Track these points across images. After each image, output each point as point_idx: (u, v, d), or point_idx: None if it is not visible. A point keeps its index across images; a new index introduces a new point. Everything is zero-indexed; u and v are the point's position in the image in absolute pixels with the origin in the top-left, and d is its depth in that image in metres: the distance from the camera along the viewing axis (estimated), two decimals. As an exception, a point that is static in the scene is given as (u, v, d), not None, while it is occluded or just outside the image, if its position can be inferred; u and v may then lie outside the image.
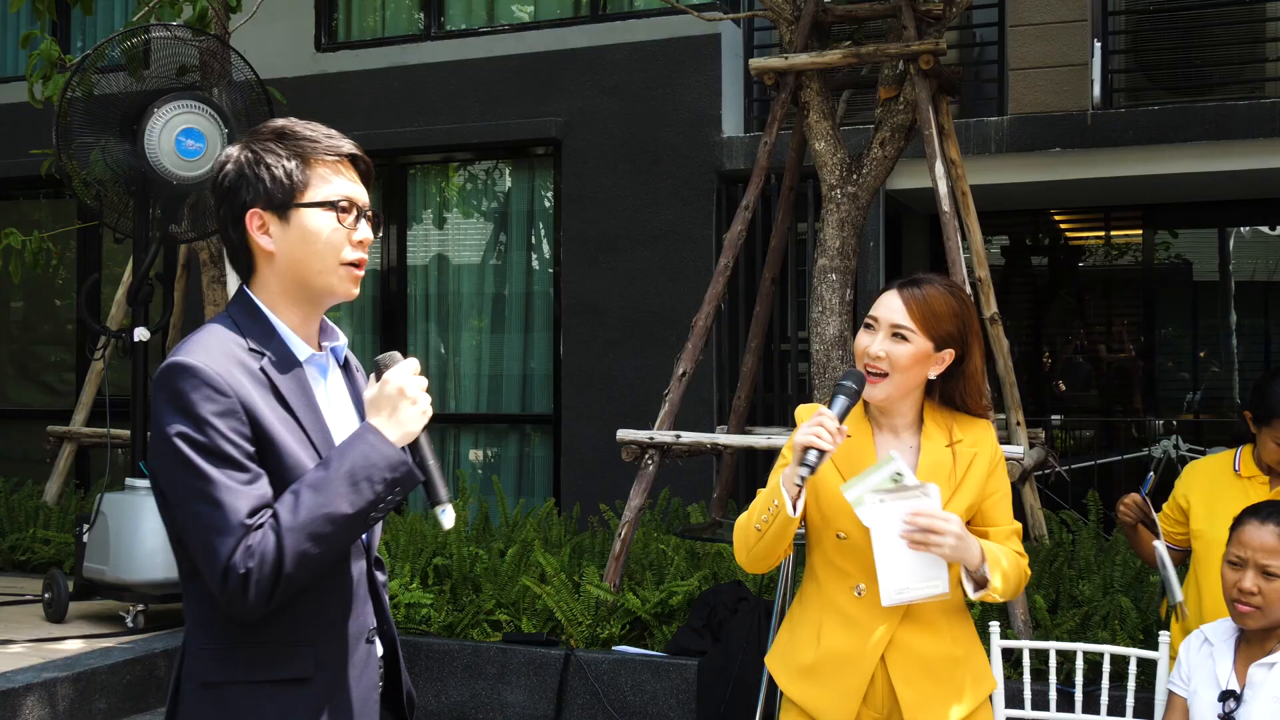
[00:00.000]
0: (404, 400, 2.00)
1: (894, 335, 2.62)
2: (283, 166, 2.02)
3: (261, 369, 1.98)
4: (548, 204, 8.61)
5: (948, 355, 2.66)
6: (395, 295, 8.85)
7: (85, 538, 6.23)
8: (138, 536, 5.98)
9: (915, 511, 2.48)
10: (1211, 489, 3.74)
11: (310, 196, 2.03)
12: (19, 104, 8.69)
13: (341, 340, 2.17)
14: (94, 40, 8.91)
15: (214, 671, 1.97)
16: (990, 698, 2.72)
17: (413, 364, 2.05)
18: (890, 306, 2.65)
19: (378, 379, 2.04)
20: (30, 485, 8.33)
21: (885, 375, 2.62)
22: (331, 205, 2.04)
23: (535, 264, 8.67)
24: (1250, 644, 3.04)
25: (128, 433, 6.70)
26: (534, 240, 8.69)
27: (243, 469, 1.90)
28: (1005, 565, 2.63)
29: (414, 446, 2.03)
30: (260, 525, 1.88)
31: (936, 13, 5.68)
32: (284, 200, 2.02)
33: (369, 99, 8.69)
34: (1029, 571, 2.76)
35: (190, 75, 6.48)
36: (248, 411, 1.92)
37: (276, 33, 8.59)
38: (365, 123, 8.54)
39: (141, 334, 6.41)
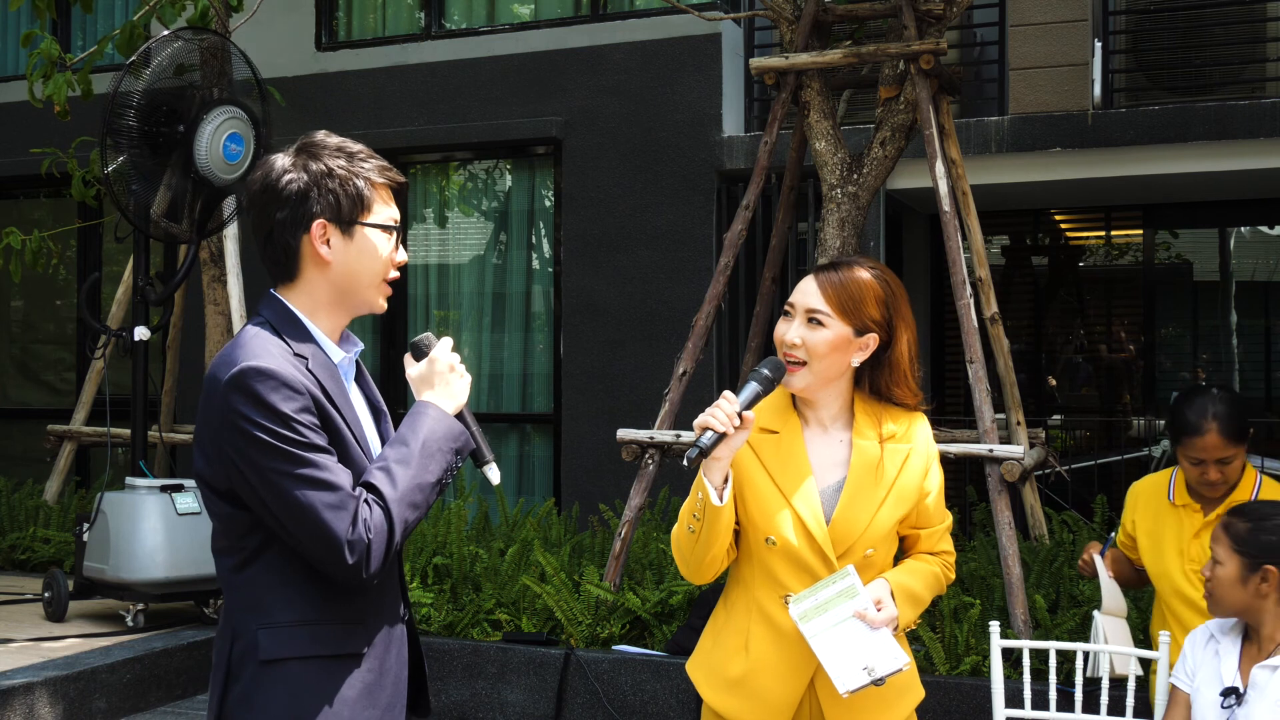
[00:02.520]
0: (454, 375, 2.25)
1: (810, 321, 2.51)
2: (355, 185, 2.18)
3: (308, 369, 2.12)
4: (548, 203, 8.61)
5: (870, 341, 2.53)
6: (396, 295, 8.78)
7: (85, 537, 6.24)
8: (138, 536, 5.98)
9: (859, 614, 2.42)
10: (1152, 518, 3.72)
11: (374, 217, 2.20)
12: (19, 103, 8.69)
13: (360, 346, 2.32)
14: (94, 39, 8.90)
15: (275, 649, 2.08)
16: (916, 710, 2.64)
17: (449, 341, 2.28)
18: (806, 291, 2.54)
19: (416, 358, 2.27)
20: (30, 484, 8.33)
21: (804, 364, 2.51)
22: (391, 229, 2.23)
23: (535, 263, 8.67)
24: (1254, 643, 3.05)
25: (128, 432, 6.70)
26: (534, 239, 8.69)
27: (332, 454, 2.07)
28: (915, 588, 2.56)
29: (459, 414, 2.26)
30: (364, 500, 2.05)
31: (937, 12, 5.68)
32: (351, 217, 2.18)
33: (369, 98, 8.69)
34: (951, 574, 2.69)
35: (190, 74, 6.48)
36: (315, 406, 2.08)
37: (277, 32, 8.60)
38: (365, 122, 8.54)
39: (141, 333, 6.42)
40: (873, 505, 2.52)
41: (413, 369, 2.26)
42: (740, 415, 2.38)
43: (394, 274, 2.25)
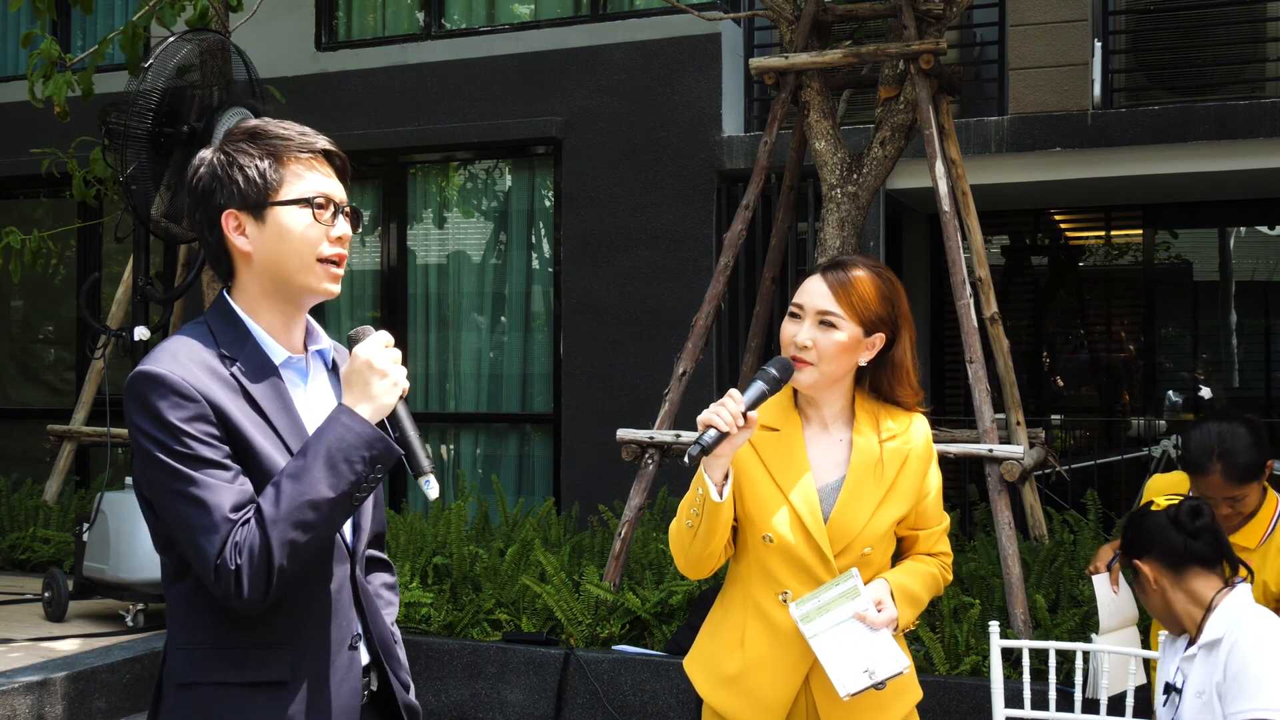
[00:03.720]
0: (373, 374, 1.97)
1: (821, 322, 2.51)
2: (256, 166, 2.00)
3: (233, 374, 1.97)
4: (548, 203, 8.61)
5: (878, 340, 2.55)
6: (395, 295, 8.85)
7: (85, 537, 6.24)
8: (137, 535, 5.98)
9: (859, 615, 2.43)
10: None
11: (285, 194, 2.01)
12: (19, 103, 8.69)
13: (325, 343, 2.15)
14: (94, 39, 8.90)
15: (190, 672, 1.96)
16: (917, 708, 2.64)
17: (382, 337, 2.02)
18: (815, 292, 2.53)
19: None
20: (30, 484, 8.33)
21: (813, 364, 2.51)
22: (307, 202, 2.01)
23: (535, 263, 8.67)
24: (1192, 638, 3.04)
25: (127, 431, 6.70)
26: (534, 240, 8.69)
27: (222, 468, 1.90)
28: (914, 589, 2.57)
29: (393, 420, 2.00)
30: (246, 521, 1.88)
31: (937, 12, 5.68)
32: (258, 200, 2.00)
33: (369, 98, 8.69)
34: (949, 575, 2.70)
35: (190, 74, 6.49)
36: (218, 414, 1.92)
37: (277, 32, 8.59)
38: (365, 122, 8.54)
39: (141, 333, 6.42)
40: (871, 505, 2.52)
41: (343, 367, 2.03)
42: (744, 415, 2.37)
43: (331, 251, 2.03)
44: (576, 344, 8.23)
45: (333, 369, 2.18)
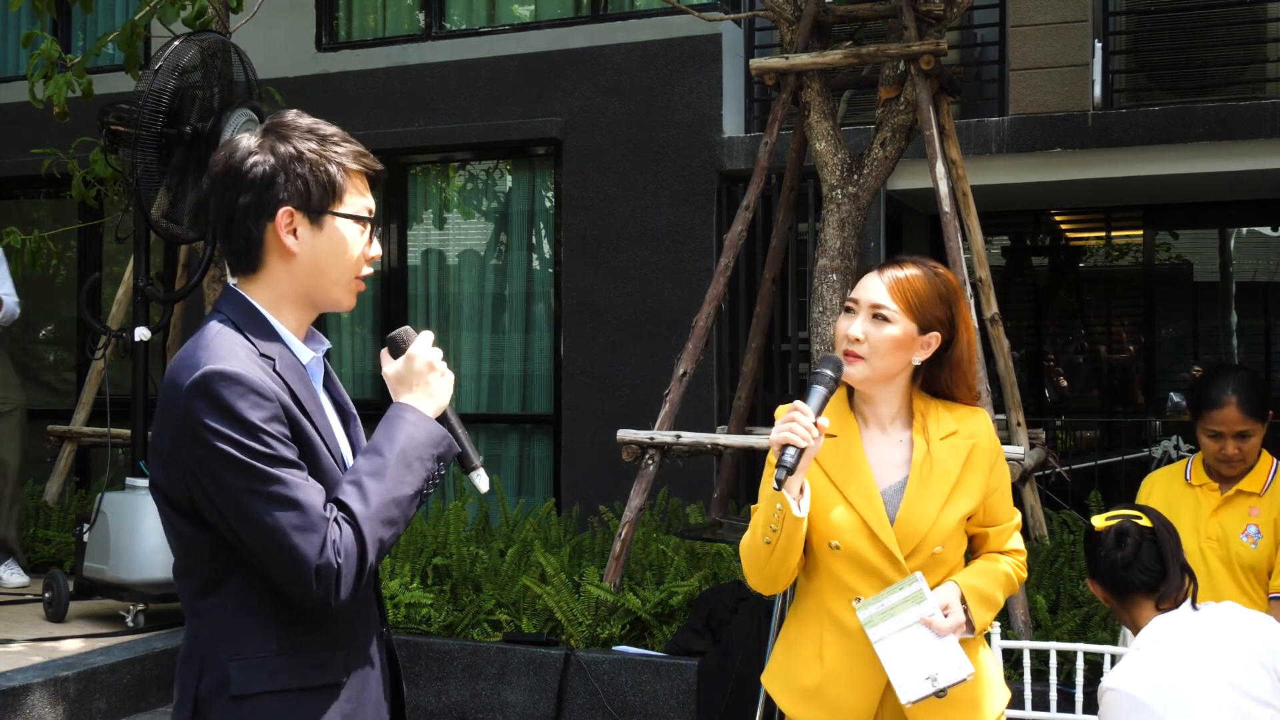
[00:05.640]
0: (434, 373, 2.04)
1: (875, 316, 2.51)
2: (326, 171, 1.99)
3: (275, 371, 1.94)
4: (548, 204, 8.61)
5: (933, 339, 2.55)
6: (396, 295, 8.85)
7: (85, 537, 6.24)
8: (138, 536, 5.98)
9: (925, 621, 2.41)
10: (1167, 501, 3.72)
11: (346, 207, 2.02)
12: (19, 103, 8.69)
13: (326, 345, 2.15)
14: (94, 39, 8.90)
15: (249, 683, 1.91)
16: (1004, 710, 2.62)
17: (429, 336, 2.08)
18: (870, 287, 2.55)
19: (394, 355, 2.07)
20: (30, 485, 8.33)
21: (864, 358, 2.51)
22: (362, 219, 2.04)
23: (535, 264, 8.67)
24: None
25: (128, 432, 6.71)
26: (534, 240, 8.69)
27: (300, 468, 1.89)
28: (987, 589, 2.53)
29: (441, 417, 2.06)
30: (335, 520, 1.87)
31: (937, 13, 5.68)
32: (321, 205, 1.99)
33: (369, 99, 8.69)
34: (1023, 574, 2.67)
35: (191, 75, 6.49)
36: (287, 415, 1.91)
37: (277, 32, 8.59)
38: (365, 123, 8.53)
39: (142, 333, 6.42)
40: (937, 502, 2.50)
41: (389, 367, 2.06)
42: (815, 424, 2.37)
43: (367, 270, 2.07)
44: (577, 344, 8.23)
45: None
